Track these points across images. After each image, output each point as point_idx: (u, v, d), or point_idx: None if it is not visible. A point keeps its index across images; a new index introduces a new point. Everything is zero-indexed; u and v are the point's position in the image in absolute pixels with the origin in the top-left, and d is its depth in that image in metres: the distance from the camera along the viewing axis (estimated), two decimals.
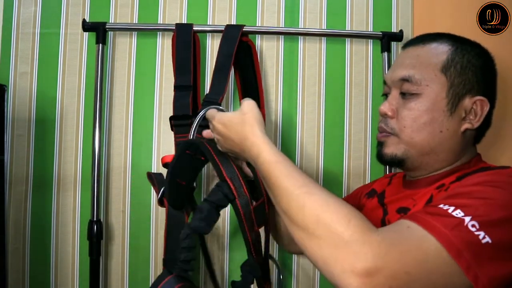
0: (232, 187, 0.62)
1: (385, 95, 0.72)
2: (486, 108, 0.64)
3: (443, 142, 0.64)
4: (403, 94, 0.66)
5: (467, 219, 0.47)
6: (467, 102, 0.63)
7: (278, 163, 0.56)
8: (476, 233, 0.46)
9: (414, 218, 0.48)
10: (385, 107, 0.68)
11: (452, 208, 0.48)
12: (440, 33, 0.69)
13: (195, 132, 0.78)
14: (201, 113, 0.75)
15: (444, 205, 0.49)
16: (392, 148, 0.67)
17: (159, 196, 0.78)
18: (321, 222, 0.47)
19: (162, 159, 0.82)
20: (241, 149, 0.63)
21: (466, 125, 0.64)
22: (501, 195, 0.50)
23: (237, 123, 0.63)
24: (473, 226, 0.46)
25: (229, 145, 0.65)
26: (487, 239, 0.46)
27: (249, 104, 0.64)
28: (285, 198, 0.53)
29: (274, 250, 1.07)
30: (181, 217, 0.79)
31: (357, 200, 0.85)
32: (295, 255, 1.07)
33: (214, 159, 0.65)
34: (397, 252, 0.44)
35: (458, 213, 0.47)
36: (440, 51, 0.65)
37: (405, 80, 0.65)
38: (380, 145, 0.70)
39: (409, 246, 0.45)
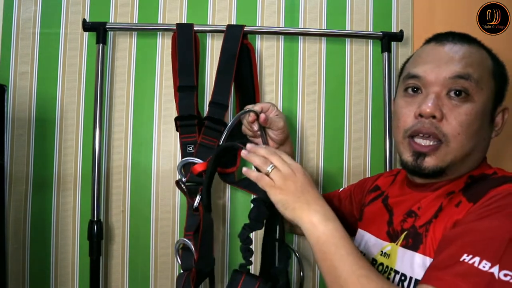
0: None
1: (411, 89, 0.64)
2: (507, 116, 0.64)
3: (481, 150, 0.63)
4: (451, 95, 0.60)
5: (495, 270, 0.45)
6: (498, 110, 0.63)
7: (342, 239, 0.55)
8: None
9: (444, 285, 0.46)
10: (430, 108, 0.59)
11: (477, 259, 0.46)
12: (468, 34, 0.65)
13: (226, 138, 0.81)
14: (233, 120, 0.80)
15: (468, 255, 0.47)
16: (438, 161, 0.60)
17: (197, 204, 0.79)
18: None
19: (194, 169, 0.79)
20: (296, 198, 0.59)
21: (494, 133, 0.64)
22: None
23: (305, 176, 0.62)
24: (506, 275, 0.45)
25: (292, 185, 0.60)
26: None
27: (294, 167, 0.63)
28: (346, 275, 0.53)
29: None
30: (210, 219, 0.81)
31: (361, 193, 0.85)
32: (296, 238, 1.08)
33: None
34: None
35: (485, 265, 0.46)
36: (484, 54, 0.62)
37: (462, 77, 0.58)
38: (419, 155, 0.61)
39: None
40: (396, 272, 0.61)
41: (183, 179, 0.86)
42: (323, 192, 1.08)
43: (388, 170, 1.03)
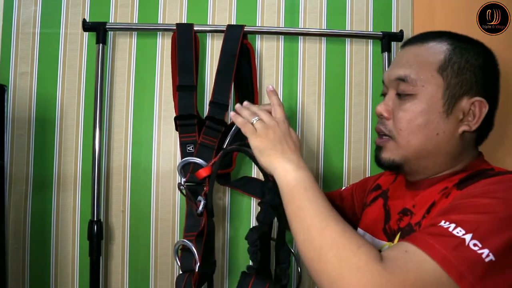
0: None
1: (384, 95, 0.70)
2: (485, 109, 0.61)
3: (440, 145, 0.62)
4: (399, 95, 0.64)
5: (467, 237, 0.46)
6: (465, 103, 0.61)
7: (311, 185, 0.58)
8: (479, 251, 0.45)
9: (416, 241, 0.48)
10: (381, 108, 0.66)
11: (452, 225, 0.48)
12: (440, 31, 0.67)
13: (230, 141, 0.83)
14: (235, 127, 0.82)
15: (445, 222, 0.49)
16: (390, 153, 0.65)
17: (201, 208, 0.79)
18: (334, 245, 0.49)
19: (198, 174, 0.78)
20: (273, 146, 0.64)
21: (463, 127, 0.62)
22: (504, 207, 0.49)
23: (287, 129, 0.66)
24: (475, 245, 0.46)
25: (271, 134, 0.65)
26: (491, 256, 0.45)
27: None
28: (312, 215, 0.54)
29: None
30: (213, 223, 0.83)
31: (362, 192, 0.85)
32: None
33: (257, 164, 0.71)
34: (398, 281, 0.45)
35: (459, 231, 0.47)
36: (438, 50, 0.63)
37: (401, 80, 0.63)
38: (378, 149, 0.68)
39: (409, 274, 0.45)
40: None
41: (183, 180, 0.86)
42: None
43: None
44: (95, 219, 0.97)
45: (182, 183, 0.87)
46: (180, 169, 0.87)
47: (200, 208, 0.78)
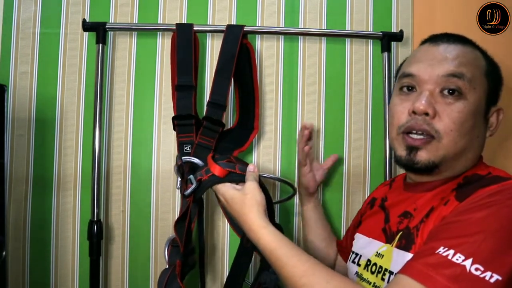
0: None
1: (408, 88, 0.65)
2: (501, 117, 0.65)
3: (475, 148, 0.63)
4: (449, 91, 0.60)
5: (468, 263, 0.46)
6: (493, 110, 0.64)
7: (275, 250, 0.59)
8: (482, 275, 0.45)
9: (417, 275, 0.48)
10: (423, 105, 0.60)
11: (451, 252, 0.47)
12: (462, 35, 0.66)
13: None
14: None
15: (444, 247, 0.48)
16: (430, 155, 0.61)
17: (190, 191, 0.76)
18: None
19: (213, 167, 0.75)
20: (241, 225, 0.66)
21: (488, 133, 0.65)
22: (499, 222, 0.49)
23: (238, 203, 0.66)
24: (477, 269, 0.45)
25: (232, 215, 0.69)
26: (496, 276, 0.45)
27: (251, 185, 0.67)
28: (287, 284, 0.57)
29: None
30: (199, 210, 0.87)
31: (362, 211, 0.84)
32: None
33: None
34: None
35: (459, 258, 0.47)
36: (478, 54, 0.64)
37: (455, 76, 0.60)
38: (412, 149, 0.62)
39: None
40: (391, 273, 0.61)
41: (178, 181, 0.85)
42: (323, 194, 1.08)
43: (388, 170, 1.03)
44: (95, 219, 0.97)
45: (180, 158, 0.87)
46: (176, 168, 0.86)
47: (189, 190, 0.75)
